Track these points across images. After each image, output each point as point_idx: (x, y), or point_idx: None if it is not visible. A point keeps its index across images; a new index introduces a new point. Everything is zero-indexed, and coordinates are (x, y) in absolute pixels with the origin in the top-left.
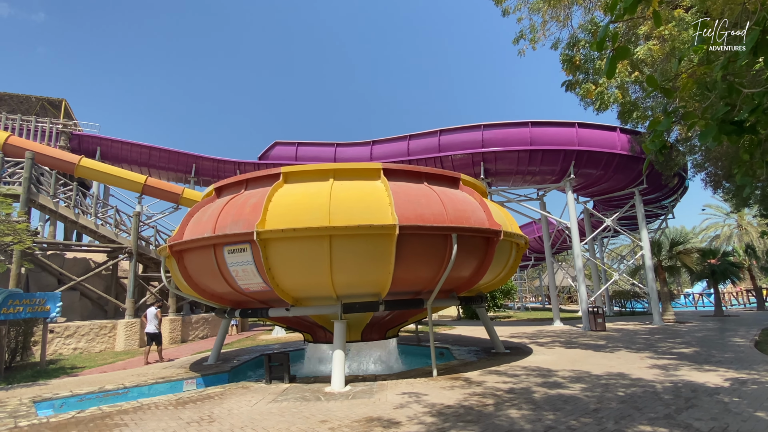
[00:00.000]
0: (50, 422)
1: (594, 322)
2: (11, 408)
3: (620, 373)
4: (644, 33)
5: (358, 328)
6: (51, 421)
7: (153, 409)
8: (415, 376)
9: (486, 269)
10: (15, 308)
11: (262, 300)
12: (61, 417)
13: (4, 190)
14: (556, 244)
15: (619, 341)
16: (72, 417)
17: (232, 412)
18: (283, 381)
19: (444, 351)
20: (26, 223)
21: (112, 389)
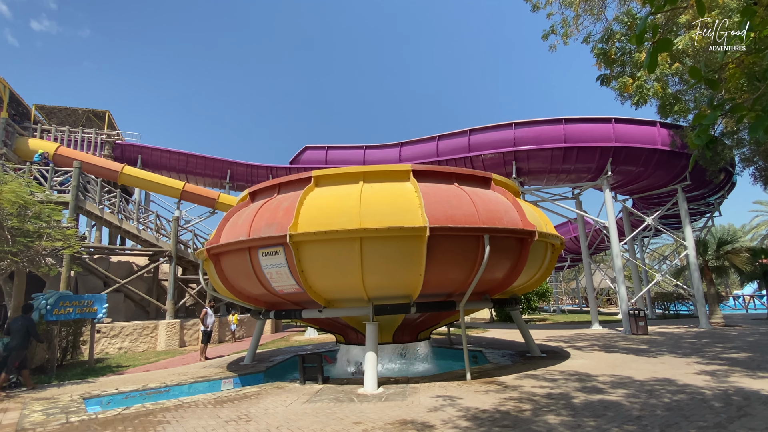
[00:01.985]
0: (98, 418)
1: (635, 325)
2: (63, 404)
3: (665, 379)
4: (685, 22)
5: (390, 330)
6: (99, 417)
7: (193, 408)
8: (448, 379)
9: (520, 271)
10: (65, 309)
11: (295, 302)
12: (109, 413)
13: (55, 197)
14: (594, 245)
15: (662, 345)
16: (118, 413)
17: (268, 412)
18: (316, 382)
19: (477, 354)
20: (75, 229)
21: (154, 387)
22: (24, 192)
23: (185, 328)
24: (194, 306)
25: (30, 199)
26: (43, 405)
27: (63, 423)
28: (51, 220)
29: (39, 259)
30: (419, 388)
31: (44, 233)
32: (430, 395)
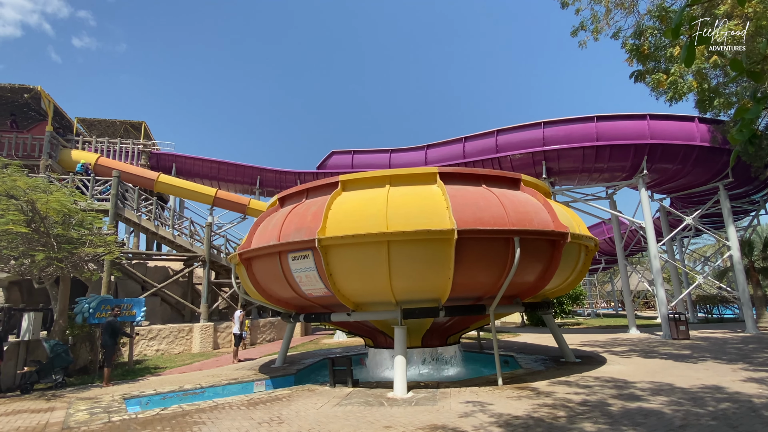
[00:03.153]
0: (138, 418)
1: (676, 329)
2: (105, 404)
3: (710, 386)
4: (724, 12)
5: (419, 333)
6: (139, 417)
7: (227, 409)
8: (479, 384)
9: (552, 274)
10: (107, 313)
11: (324, 305)
12: (148, 413)
13: (96, 206)
14: (629, 246)
15: (706, 351)
16: (157, 414)
17: (300, 414)
18: (346, 385)
19: (509, 359)
20: (114, 236)
21: (190, 389)
22: (68, 201)
23: (218, 330)
24: (227, 309)
25: (74, 207)
26: (86, 404)
27: (105, 422)
28: (93, 227)
29: (82, 264)
30: (449, 392)
31: (86, 240)
32: (460, 400)
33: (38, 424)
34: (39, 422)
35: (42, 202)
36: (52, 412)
